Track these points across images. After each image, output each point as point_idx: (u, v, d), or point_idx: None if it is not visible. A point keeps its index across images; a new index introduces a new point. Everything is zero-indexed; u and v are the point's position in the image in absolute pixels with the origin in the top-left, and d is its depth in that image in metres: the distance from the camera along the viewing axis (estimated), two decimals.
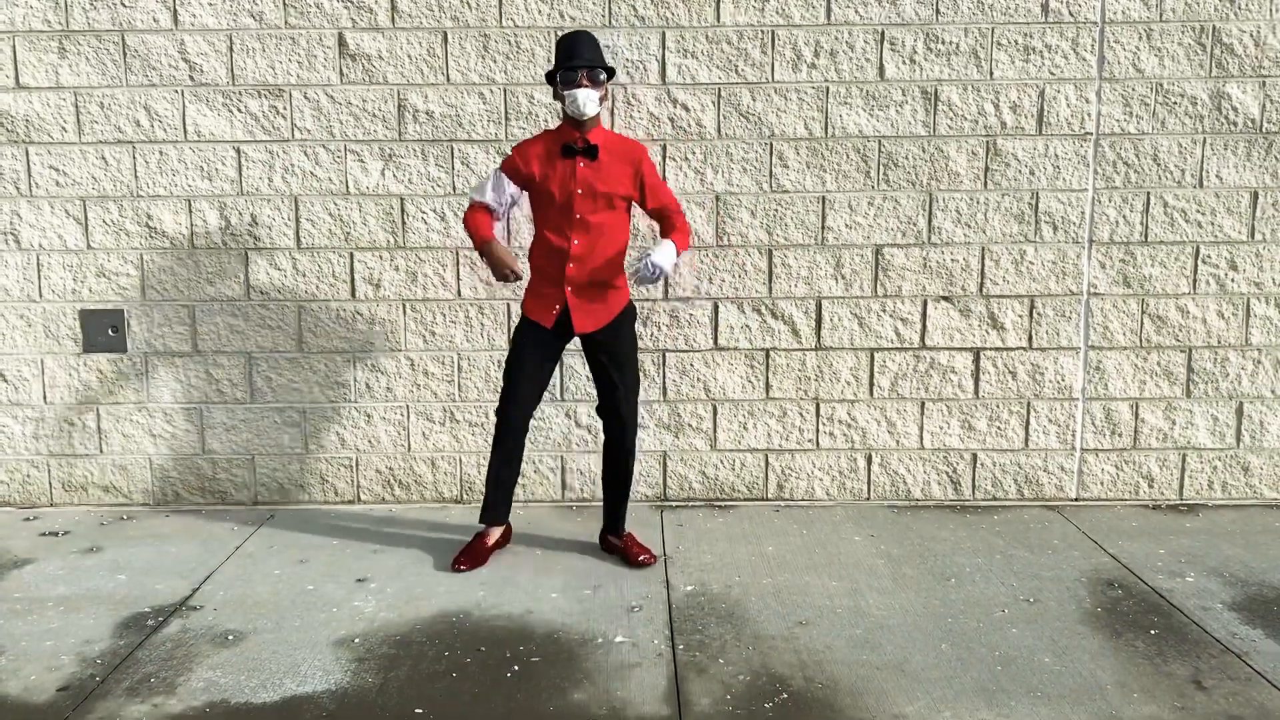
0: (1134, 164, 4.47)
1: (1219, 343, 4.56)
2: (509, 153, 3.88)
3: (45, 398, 4.58)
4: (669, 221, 3.86)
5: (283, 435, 4.61)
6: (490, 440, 4.58)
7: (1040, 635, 3.36)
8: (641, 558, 3.92)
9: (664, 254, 3.70)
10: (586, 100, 3.63)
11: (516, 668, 3.16)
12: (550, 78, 3.73)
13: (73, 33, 4.36)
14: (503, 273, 3.72)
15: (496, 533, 4.01)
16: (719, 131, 4.44)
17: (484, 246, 3.75)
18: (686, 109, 4.42)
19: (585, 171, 3.71)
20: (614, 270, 3.82)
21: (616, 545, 4.02)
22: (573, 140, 3.71)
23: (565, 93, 3.65)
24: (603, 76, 3.69)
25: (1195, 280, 4.54)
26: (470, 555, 3.92)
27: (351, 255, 4.51)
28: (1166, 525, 4.40)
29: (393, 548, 4.15)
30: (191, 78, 4.40)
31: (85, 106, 4.41)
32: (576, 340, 4.02)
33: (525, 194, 3.87)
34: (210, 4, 4.35)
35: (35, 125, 4.42)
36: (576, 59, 3.64)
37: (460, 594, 3.69)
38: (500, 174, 3.81)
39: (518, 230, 4.46)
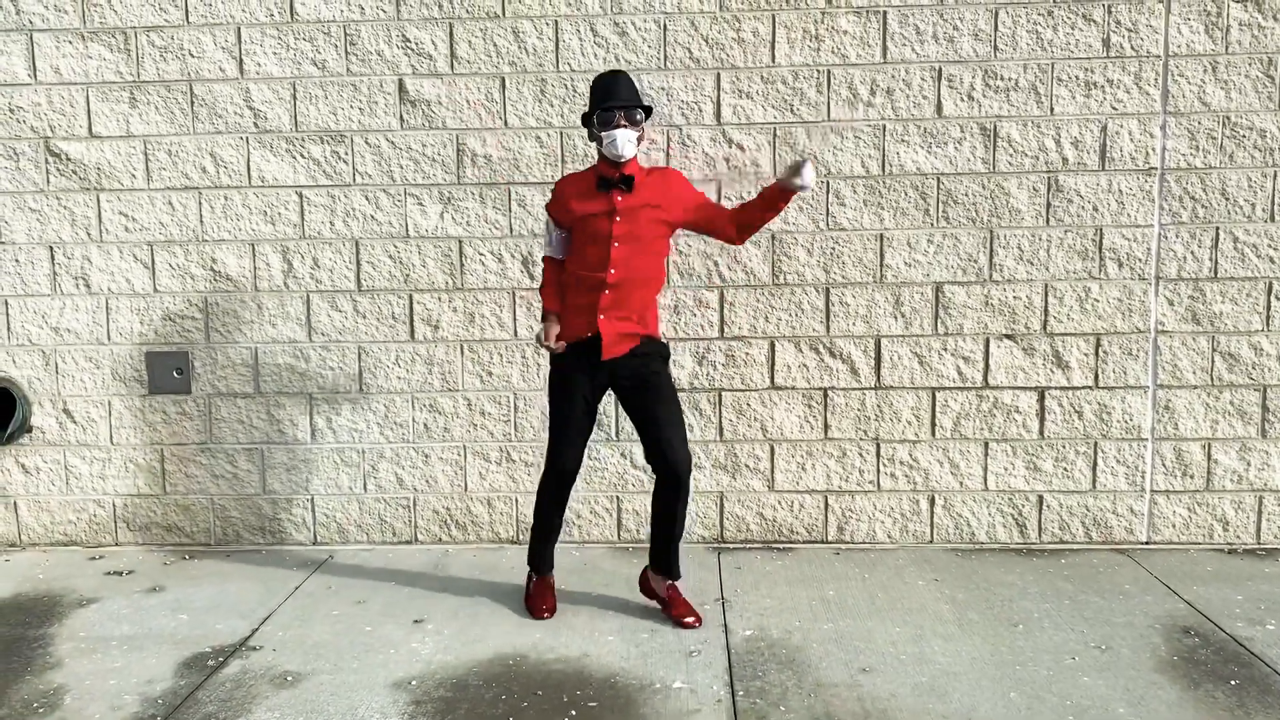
0: (1201, 199, 4.38)
1: None
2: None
3: (112, 439, 4.67)
4: (724, 213, 3.68)
5: (342, 475, 4.65)
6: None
7: (1114, 685, 3.24)
8: (687, 619, 3.72)
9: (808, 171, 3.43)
10: (625, 141, 3.52)
11: (574, 713, 3.12)
12: (586, 119, 3.63)
13: (143, 83, 4.49)
14: (544, 341, 3.72)
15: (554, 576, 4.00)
16: (775, 171, 4.43)
17: (545, 316, 3.79)
18: (742, 149, 4.42)
19: (622, 203, 3.60)
20: (646, 305, 3.70)
21: (657, 591, 3.84)
22: (609, 175, 3.61)
23: (603, 134, 3.54)
24: (640, 116, 3.57)
25: (1269, 317, 4.41)
26: (548, 601, 3.88)
27: (411, 297, 4.55)
28: (1243, 570, 4.24)
29: (449, 588, 4.14)
30: (256, 125, 4.50)
31: (154, 154, 4.53)
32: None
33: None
34: (274, 53, 4.45)
35: (106, 173, 4.55)
36: (614, 99, 3.54)
37: (517, 636, 3.67)
38: (550, 221, 3.77)
39: None
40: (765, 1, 4.35)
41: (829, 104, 4.39)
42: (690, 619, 3.73)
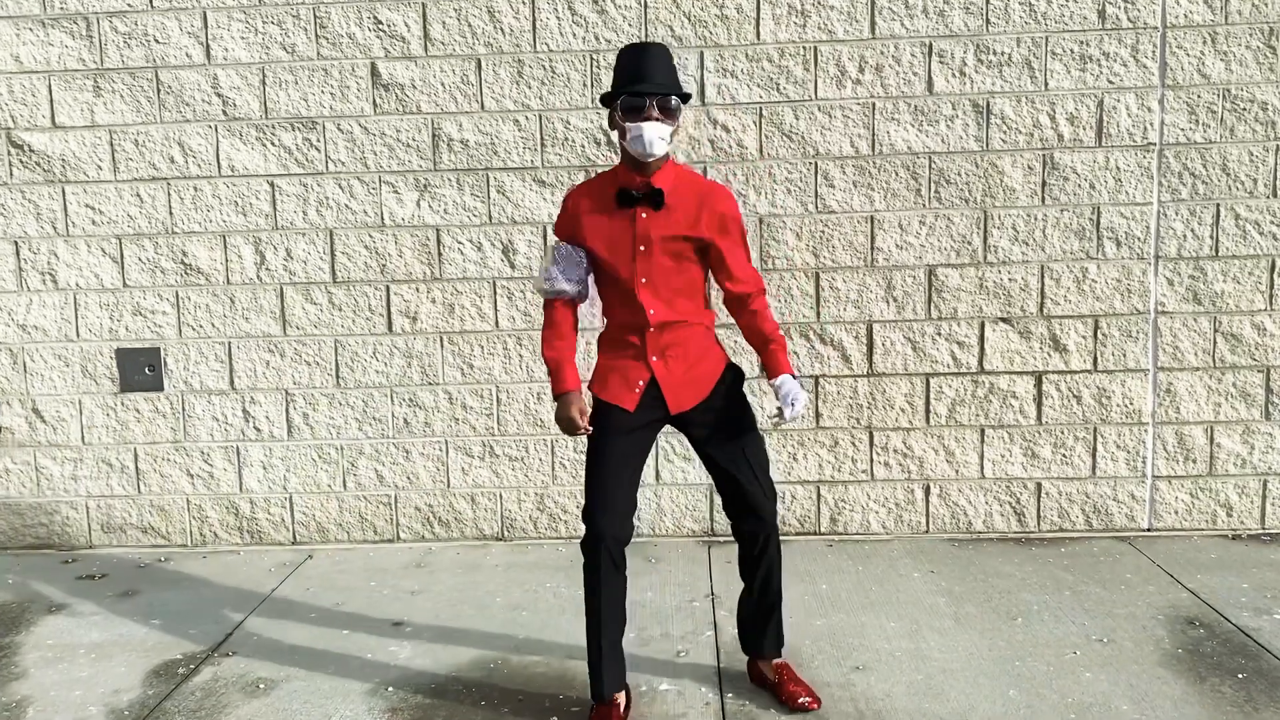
0: (1201, 174, 4.24)
1: None
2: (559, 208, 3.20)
3: (83, 438, 4.53)
4: (749, 307, 2.95)
5: (320, 473, 4.51)
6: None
7: (1116, 680, 3.13)
8: (802, 700, 2.97)
9: (796, 388, 2.91)
10: (654, 138, 2.72)
11: (555, 718, 3.00)
12: (607, 100, 2.82)
13: (107, 71, 4.34)
14: (568, 429, 2.87)
15: (621, 698, 2.96)
16: (761, 152, 4.29)
17: (558, 398, 2.87)
18: (727, 130, 4.27)
19: (646, 224, 2.82)
20: (703, 329, 2.95)
21: (766, 676, 3.09)
22: (631, 185, 2.83)
23: (627, 125, 2.74)
24: (675, 104, 2.76)
25: (1272, 295, 4.28)
26: None
27: (388, 288, 4.41)
28: (1249, 557, 4.12)
29: (430, 589, 4.02)
30: (225, 112, 4.35)
31: (120, 144, 4.38)
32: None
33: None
34: (242, 38, 4.30)
35: (71, 164, 4.40)
36: (645, 83, 2.73)
37: (498, 638, 3.55)
38: (560, 243, 2.92)
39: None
40: None
41: (816, 82, 4.24)
42: (806, 699, 2.98)
